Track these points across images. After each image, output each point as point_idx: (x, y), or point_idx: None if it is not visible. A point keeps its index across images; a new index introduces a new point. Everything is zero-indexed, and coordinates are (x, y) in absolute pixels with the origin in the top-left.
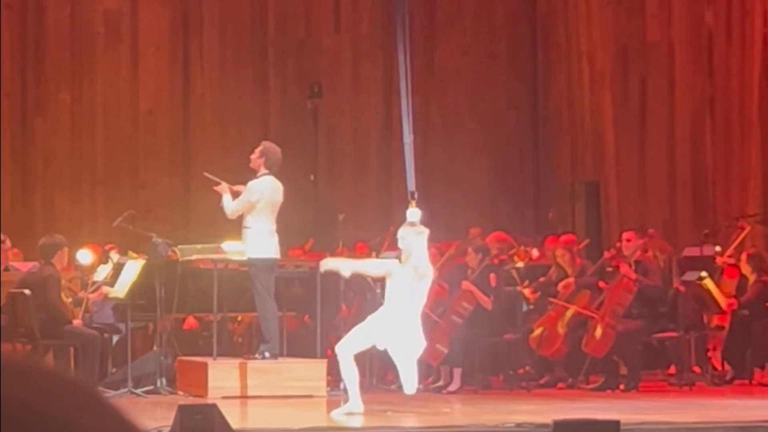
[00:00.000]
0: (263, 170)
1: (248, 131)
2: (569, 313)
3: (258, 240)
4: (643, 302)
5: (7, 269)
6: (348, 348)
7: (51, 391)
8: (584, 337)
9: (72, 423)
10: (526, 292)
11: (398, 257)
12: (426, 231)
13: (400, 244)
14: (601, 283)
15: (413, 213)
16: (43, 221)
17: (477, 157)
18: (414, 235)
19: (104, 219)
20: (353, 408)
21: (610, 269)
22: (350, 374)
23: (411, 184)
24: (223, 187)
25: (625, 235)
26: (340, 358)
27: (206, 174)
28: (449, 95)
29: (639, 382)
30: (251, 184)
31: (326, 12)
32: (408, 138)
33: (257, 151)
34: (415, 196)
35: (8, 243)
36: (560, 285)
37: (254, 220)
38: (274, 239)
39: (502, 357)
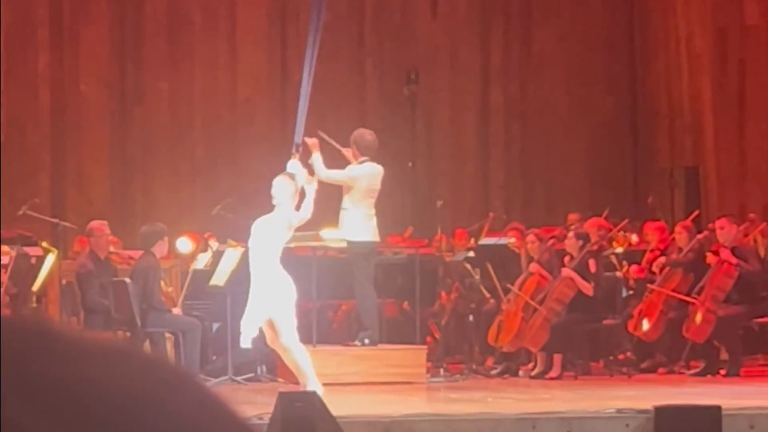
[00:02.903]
0: (361, 158)
1: (345, 119)
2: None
3: (354, 223)
4: (743, 287)
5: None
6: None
7: (151, 376)
8: (685, 323)
9: (171, 408)
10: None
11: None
12: (304, 184)
13: (273, 191)
14: (710, 258)
15: (293, 165)
16: (142, 210)
17: (575, 143)
18: (287, 186)
19: (203, 207)
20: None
21: (710, 253)
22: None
23: (298, 137)
24: (315, 143)
25: (718, 223)
26: (293, 348)
27: (321, 133)
28: (547, 81)
29: (740, 368)
30: (352, 167)
31: None
32: (306, 89)
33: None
34: (300, 149)
35: (107, 230)
36: (654, 264)
37: (351, 202)
38: (371, 223)
39: (602, 342)
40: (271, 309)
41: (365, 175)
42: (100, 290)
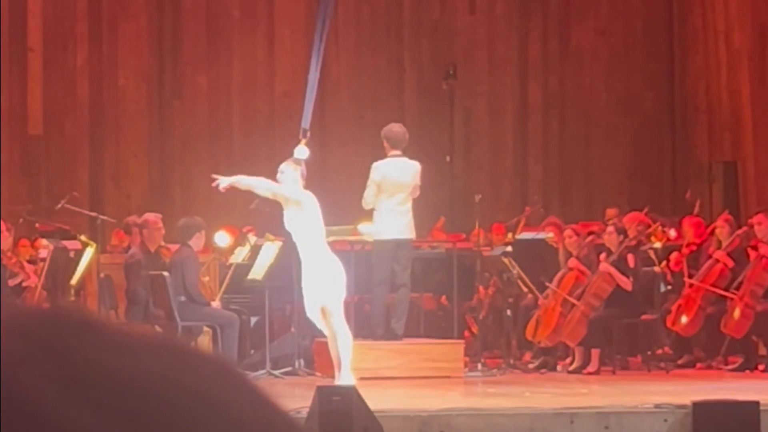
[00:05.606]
0: (392, 152)
1: (384, 113)
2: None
3: (377, 221)
4: None
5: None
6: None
7: (197, 368)
8: (723, 318)
9: (219, 399)
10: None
11: None
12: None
13: (278, 177)
14: (752, 252)
15: (301, 150)
16: (181, 204)
17: (613, 138)
18: (292, 170)
19: (241, 201)
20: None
21: (749, 248)
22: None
23: (306, 123)
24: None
25: (756, 218)
26: (341, 332)
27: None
28: (585, 76)
29: None
30: (375, 163)
31: None
32: (314, 75)
33: None
34: (307, 134)
35: (161, 223)
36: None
37: (379, 200)
38: (403, 219)
39: (640, 338)
40: (320, 292)
41: (388, 170)
42: (144, 282)
